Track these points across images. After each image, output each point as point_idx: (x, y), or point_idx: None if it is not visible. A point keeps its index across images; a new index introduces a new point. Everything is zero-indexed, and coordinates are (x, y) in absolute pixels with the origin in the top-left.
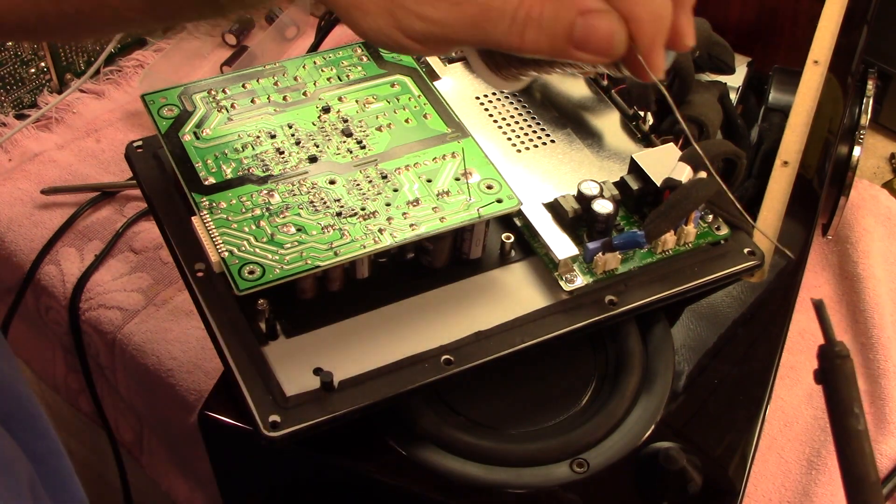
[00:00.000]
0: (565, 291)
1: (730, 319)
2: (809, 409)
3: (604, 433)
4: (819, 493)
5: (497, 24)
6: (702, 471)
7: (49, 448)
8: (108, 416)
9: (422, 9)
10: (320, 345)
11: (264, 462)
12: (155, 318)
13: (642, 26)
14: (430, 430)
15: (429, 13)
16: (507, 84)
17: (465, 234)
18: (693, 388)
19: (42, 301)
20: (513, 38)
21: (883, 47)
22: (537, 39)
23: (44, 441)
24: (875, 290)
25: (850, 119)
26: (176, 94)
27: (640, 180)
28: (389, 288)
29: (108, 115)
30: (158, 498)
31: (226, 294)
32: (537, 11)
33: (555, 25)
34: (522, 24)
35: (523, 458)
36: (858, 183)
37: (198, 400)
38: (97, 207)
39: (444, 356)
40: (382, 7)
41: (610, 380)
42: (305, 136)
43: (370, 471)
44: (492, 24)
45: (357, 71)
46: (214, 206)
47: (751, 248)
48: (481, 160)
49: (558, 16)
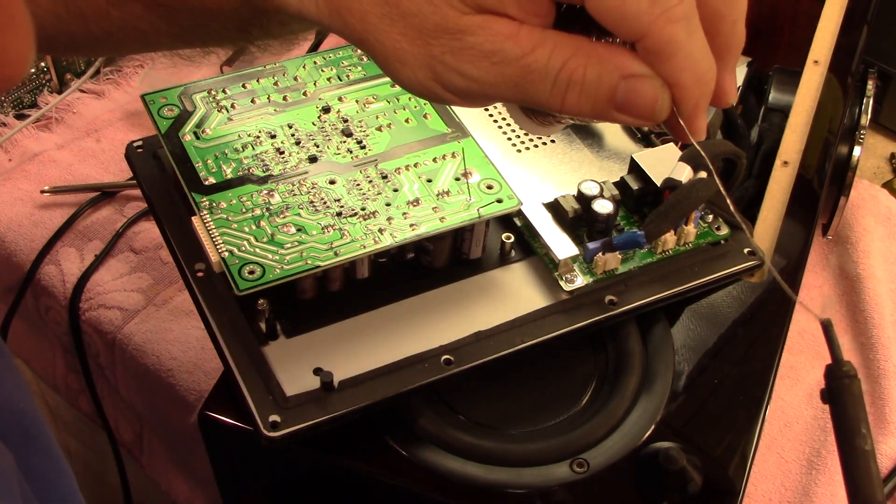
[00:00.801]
0: (565, 291)
1: (730, 319)
2: (809, 409)
3: (604, 433)
4: (819, 493)
5: (538, 87)
6: (702, 471)
7: (51, 465)
8: (108, 416)
9: (462, 66)
10: (320, 345)
11: (264, 462)
12: (155, 318)
13: (687, 93)
14: (430, 430)
15: (469, 71)
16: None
17: (465, 234)
18: (693, 388)
19: (42, 301)
20: (554, 100)
21: (883, 47)
22: (579, 102)
23: (45, 458)
24: (875, 290)
25: (850, 119)
26: (176, 94)
27: (640, 180)
28: (389, 288)
29: (108, 115)
30: (158, 498)
31: (226, 294)
32: (580, 75)
33: (597, 89)
34: (564, 87)
35: (523, 458)
36: (858, 183)
37: (198, 400)
38: (97, 207)
39: (444, 356)
40: (422, 61)
41: (610, 380)
42: (305, 136)
43: (370, 471)
44: (533, 87)
45: (357, 71)
46: (214, 206)
47: (751, 248)
48: (481, 160)
49: (601, 79)
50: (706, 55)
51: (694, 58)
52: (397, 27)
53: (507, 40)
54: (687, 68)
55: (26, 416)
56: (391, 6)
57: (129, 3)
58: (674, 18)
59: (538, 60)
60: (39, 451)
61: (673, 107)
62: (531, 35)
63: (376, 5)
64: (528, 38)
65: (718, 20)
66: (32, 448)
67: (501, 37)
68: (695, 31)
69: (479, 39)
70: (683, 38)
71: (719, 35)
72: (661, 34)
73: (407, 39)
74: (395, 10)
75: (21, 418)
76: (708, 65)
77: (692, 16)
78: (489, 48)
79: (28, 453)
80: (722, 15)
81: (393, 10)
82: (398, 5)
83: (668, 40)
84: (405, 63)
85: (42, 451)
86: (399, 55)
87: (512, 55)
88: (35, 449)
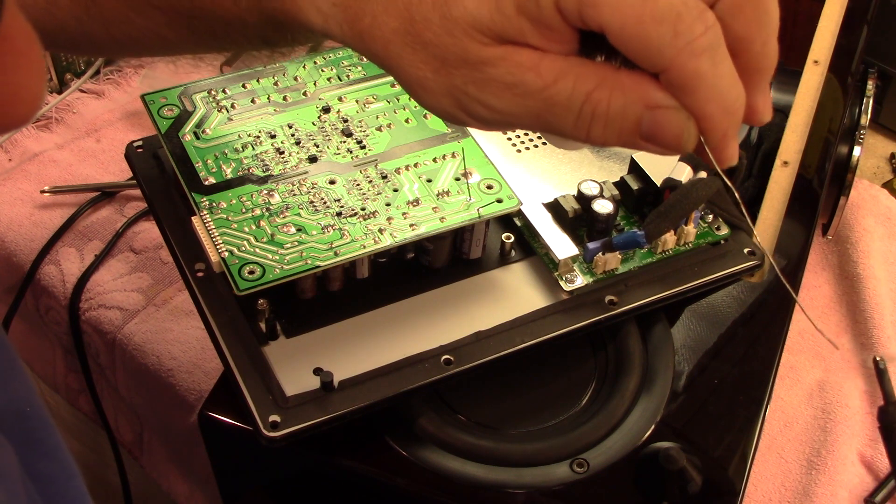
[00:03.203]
0: (565, 291)
1: (730, 319)
2: (809, 409)
3: (604, 433)
4: (819, 493)
5: (562, 119)
6: (702, 471)
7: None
8: (108, 416)
9: (485, 97)
10: (320, 345)
11: (264, 462)
12: (155, 318)
13: (713, 124)
14: (430, 430)
15: (492, 102)
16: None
17: (465, 234)
18: (693, 388)
19: (42, 301)
20: (579, 131)
21: (883, 47)
22: (604, 134)
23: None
24: (875, 290)
25: (850, 119)
26: (176, 94)
27: (640, 180)
28: (389, 288)
29: (108, 115)
30: (158, 498)
31: (226, 294)
32: (604, 107)
33: (621, 121)
34: (588, 119)
35: (523, 458)
36: (858, 183)
37: (198, 400)
38: (97, 207)
39: (444, 356)
40: (445, 89)
41: (610, 380)
42: (305, 135)
43: (370, 471)
44: (556, 118)
45: (357, 71)
46: (214, 206)
47: (751, 248)
48: (481, 160)
49: (625, 111)
50: (733, 84)
51: (719, 89)
52: (419, 55)
53: (529, 72)
54: (712, 100)
55: (31, 419)
56: (412, 35)
57: (151, 11)
58: (697, 51)
59: (561, 93)
60: (46, 453)
61: (700, 136)
62: (553, 65)
63: (398, 34)
64: (550, 68)
65: (747, 43)
66: (38, 451)
67: (523, 68)
68: (720, 61)
69: (500, 71)
70: (708, 70)
71: (749, 57)
72: (684, 67)
73: (430, 68)
74: (417, 39)
75: (25, 422)
76: (735, 94)
77: (717, 45)
78: (511, 80)
79: (34, 457)
80: (751, 37)
81: (415, 40)
82: (419, 35)
83: (692, 74)
84: (428, 90)
85: (48, 453)
86: (422, 82)
87: (534, 87)
88: (41, 452)
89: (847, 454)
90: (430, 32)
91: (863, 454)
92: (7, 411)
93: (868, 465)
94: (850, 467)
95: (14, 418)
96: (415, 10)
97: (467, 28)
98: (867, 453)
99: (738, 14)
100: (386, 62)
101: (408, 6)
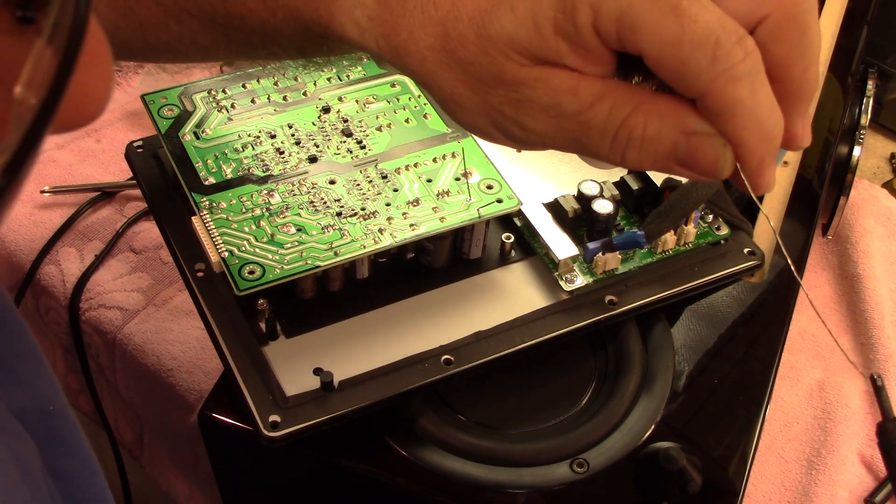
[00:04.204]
0: (565, 291)
1: (730, 319)
2: (809, 409)
3: (604, 433)
4: (819, 493)
5: (597, 142)
6: (702, 471)
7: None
8: (108, 416)
9: (521, 118)
10: (320, 345)
11: (264, 462)
12: (155, 318)
13: (750, 151)
14: (430, 430)
15: (527, 123)
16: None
17: (465, 234)
18: (693, 388)
19: (42, 301)
20: (614, 155)
21: (883, 47)
22: (639, 158)
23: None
24: (875, 290)
25: (850, 119)
26: (176, 94)
27: (640, 180)
28: (389, 288)
29: (108, 115)
30: (158, 498)
31: (226, 294)
32: (639, 132)
33: (657, 146)
34: (624, 143)
35: (523, 458)
36: (858, 183)
37: (198, 400)
38: (97, 207)
39: (444, 356)
40: (480, 108)
41: (610, 380)
42: (305, 136)
43: (370, 471)
44: (591, 142)
45: (357, 71)
46: (214, 206)
47: (751, 248)
48: (481, 160)
49: (661, 136)
50: (772, 112)
51: (757, 116)
52: (454, 73)
53: (566, 94)
54: (749, 127)
55: (54, 417)
56: (448, 52)
57: (187, 19)
58: (736, 77)
59: (597, 116)
60: (67, 451)
61: (737, 163)
62: (591, 88)
63: (433, 50)
64: (587, 91)
65: (788, 68)
66: (60, 450)
67: (560, 91)
68: (759, 88)
69: (537, 93)
70: (746, 97)
71: (789, 83)
72: (721, 94)
73: (465, 86)
74: (453, 56)
75: (48, 420)
76: (774, 121)
77: (756, 72)
78: (547, 102)
79: (55, 455)
80: (791, 63)
81: (450, 57)
82: (455, 52)
83: (730, 100)
84: (463, 107)
85: (70, 451)
86: (457, 99)
87: (570, 110)
88: (63, 451)
89: (847, 454)
90: (466, 50)
91: (863, 454)
92: (32, 409)
93: (868, 465)
94: (850, 467)
95: (38, 416)
96: (451, 28)
97: (504, 48)
98: (867, 453)
99: (779, 39)
100: (421, 78)
101: (444, 23)
